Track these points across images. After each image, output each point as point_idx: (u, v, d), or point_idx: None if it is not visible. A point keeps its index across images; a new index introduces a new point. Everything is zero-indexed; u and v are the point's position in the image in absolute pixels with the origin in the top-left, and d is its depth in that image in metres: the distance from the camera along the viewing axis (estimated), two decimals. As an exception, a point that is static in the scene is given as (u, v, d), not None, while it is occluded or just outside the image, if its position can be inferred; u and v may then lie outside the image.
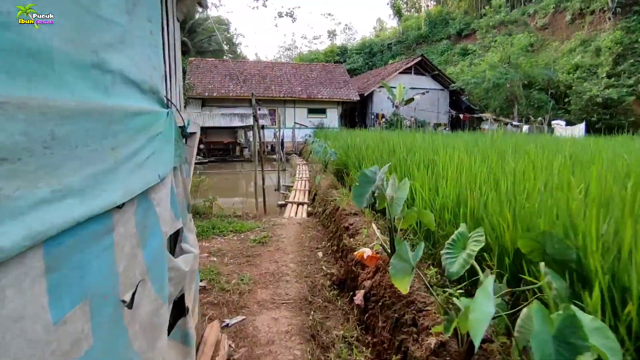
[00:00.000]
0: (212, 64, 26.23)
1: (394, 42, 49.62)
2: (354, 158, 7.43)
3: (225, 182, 16.02)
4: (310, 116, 25.84)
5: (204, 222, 5.96)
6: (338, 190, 6.80)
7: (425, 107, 27.97)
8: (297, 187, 10.47)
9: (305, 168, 15.36)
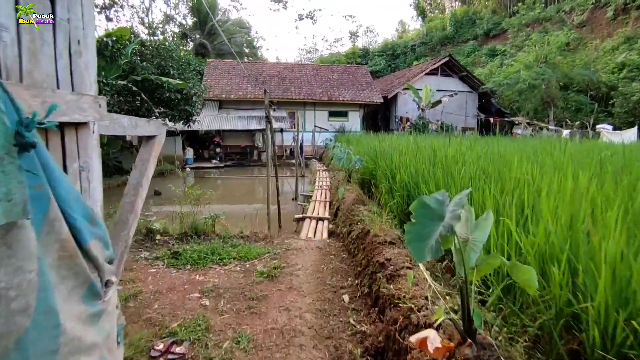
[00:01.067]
0: (230, 65, 25.55)
1: (417, 44, 48.12)
2: (384, 167, 6.25)
3: (241, 187, 15.10)
4: (331, 119, 24.74)
5: (202, 245, 4.90)
6: (366, 206, 5.63)
7: (452, 110, 26.43)
8: (317, 198, 9.34)
9: (326, 175, 14.24)
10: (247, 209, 11.22)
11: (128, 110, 15.71)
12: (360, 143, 12.51)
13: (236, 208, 11.70)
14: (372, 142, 10.79)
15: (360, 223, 4.86)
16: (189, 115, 17.53)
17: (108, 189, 13.04)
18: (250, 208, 11.27)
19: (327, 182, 12.30)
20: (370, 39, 60.54)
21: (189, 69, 17.56)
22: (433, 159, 5.36)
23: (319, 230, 6.36)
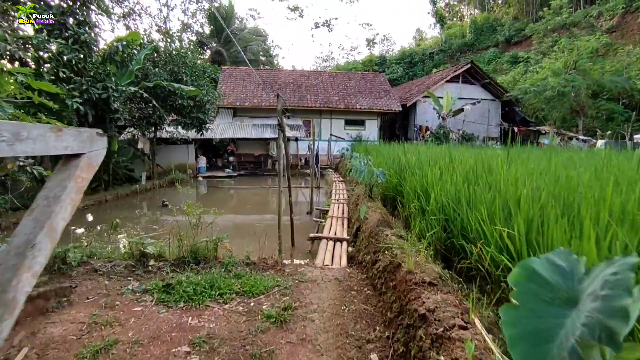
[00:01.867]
0: (245, 72, 25.19)
1: (436, 51, 47.25)
2: (413, 183, 5.43)
3: (254, 198, 14.45)
4: (348, 128, 24.01)
5: (201, 275, 4.17)
6: (393, 230, 4.82)
7: (474, 119, 25.39)
8: (334, 213, 8.55)
9: (343, 186, 13.44)
10: (258, 220, 10.52)
11: (139, 117, 15.34)
12: (380, 154, 11.70)
13: (248, 219, 11.01)
14: (395, 153, 9.98)
15: (388, 252, 4.04)
16: (202, 123, 17.05)
17: (116, 199, 12.55)
18: (262, 220, 10.57)
19: (344, 195, 11.51)
20: (387, 47, 59.87)
21: (203, 76, 17.16)
22: (474, 175, 4.52)
23: (337, 254, 5.56)
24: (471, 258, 3.48)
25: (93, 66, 11.27)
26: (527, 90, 21.79)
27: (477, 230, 3.34)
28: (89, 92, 10.67)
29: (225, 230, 8.23)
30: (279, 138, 5.34)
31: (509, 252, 2.85)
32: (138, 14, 33.67)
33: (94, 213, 10.67)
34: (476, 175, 4.48)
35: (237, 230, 9.18)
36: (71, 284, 3.90)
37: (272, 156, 22.21)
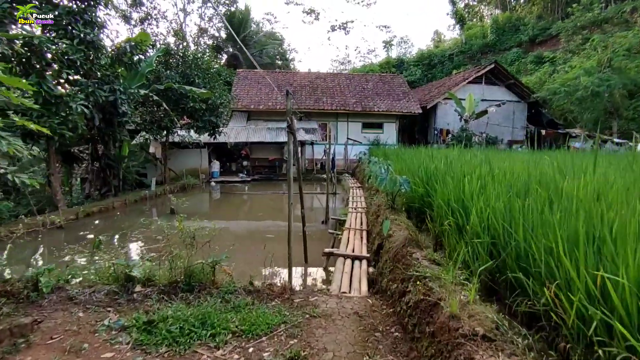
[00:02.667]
0: (260, 75, 24.70)
1: (455, 52, 45.91)
2: (445, 195, 4.61)
3: (268, 203, 13.77)
4: (365, 131, 23.18)
5: (193, 306, 3.46)
6: (423, 251, 4.01)
7: (498, 122, 24.18)
8: (351, 225, 7.77)
9: (360, 193, 12.64)
10: (270, 227, 9.81)
11: (150, 121, 14.93)
12: (401, 159, 10.86)
13: (259, 227, 10.32)
14: (419, 159, 9.15)
15: (420, 283, 3.25)
16: (215, 127, 16.55)
17: (123, 206, 12.07)
18: (275, 227, 9.86)
19: (362, 202, 10.71)
20: (405, 49, 58.75)
21: (216, 79, 16.69)
22: (525, 187, 3.68)
23: (356, 276, 4.77)
24: (535, 298, 2.65)
25: (101, 68, 10.86)
26: (557, 91, 20.50)
27: (546, 264, 2.52)
28: (95, 95, 10.24)
29: (232, 241, 7.59)
30: (289, 141, 4.61)
31: (608, 303, 2.02)
32: (155, 19, 33.91)
33: (96, 221, 10.20)
34: (527, 187, 3.64)
35: (246, 240, 8.50)
36: (36, 318, 3.25)
37: (287, 160, 21.56)
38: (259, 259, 6.75)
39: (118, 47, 11.30)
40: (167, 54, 15.48)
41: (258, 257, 6.92)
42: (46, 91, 8.82)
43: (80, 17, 9.95)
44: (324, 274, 6.26)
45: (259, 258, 6.85)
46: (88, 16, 10.12)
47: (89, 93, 10.21)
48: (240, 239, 8.63)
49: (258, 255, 6.99)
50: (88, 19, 10.12)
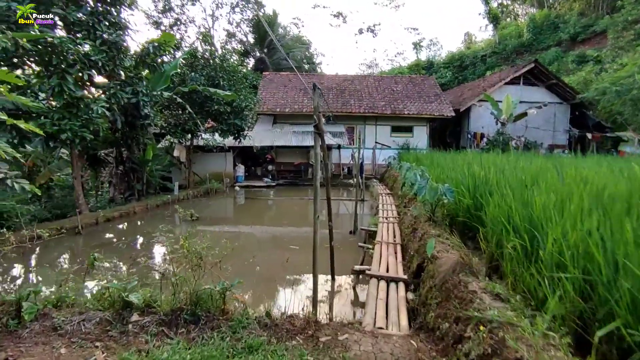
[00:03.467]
0: (286, 78, 24.30)
1: (488, 54, 44.09)
2: (504, 209, 3.77)
3: (292, 210, 13.15)
4: (394, 135, 22.25)
5: (194, 347, 2.81)
6: (481, 282, 3.20)
7: (537, 125, 22.63)
8: (383, 238, 6.98)
9: (390, 201, 11.79)
10: (295, 235, 9.14)
11: (175, 124, 14.70)
12: (436, 164, 9.97)
13: (283, 235, 9.67)
14: (459, 164, 8.26)
15: (485, 329, 2.45)
16: (240, 130, 16.16)
17: (145, 210, 11.76)
18: (298, 235, 9.19)
19: (393, 212, 9.88)
20: (434, 52, 57.15)
21: (242, 82, 16.33)
22: (625, 204, 2.82)
23: (393, 305, 3.99)
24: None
25: (124, 70, 10.62)
26: (606, 91, 18.84)
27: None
28: (117, 97, 9.97)
29: (252, 252, 6.97)
30: (316, 143, 3.93)
31: None
32: (184, 24, 34.38)
33: (114, 227, 9.88)
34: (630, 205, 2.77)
35: (267, 251, 7.87)
36: (10, 354, 2.69)
37: (313, 165, 20.93)
38: (280, 275, 6.10)
39: (142, 48, 11.04)
40: (193, 57, 15.25)
41: (279, 272, 6.28)
42: (67, 93, 8.58)
43: (104, 17, 9.73)
44: (353, 294, 5.53)
45: (280, 274, 6.21)
46: (112, 17, 9.90)
47: (111, 95, 9.97)
48: (261, 249, 8.02)
49: (280, 267, 6.36)
50: (111, 19, 9.90)
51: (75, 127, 8.88)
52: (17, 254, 6.95)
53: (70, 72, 8.64)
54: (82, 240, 8.41)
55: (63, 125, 8.73)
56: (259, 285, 5.60)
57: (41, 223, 9.35)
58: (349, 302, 5.13)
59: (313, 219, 3.85)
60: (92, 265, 3.52)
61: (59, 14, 8.95)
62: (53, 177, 13.33)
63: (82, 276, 3.71)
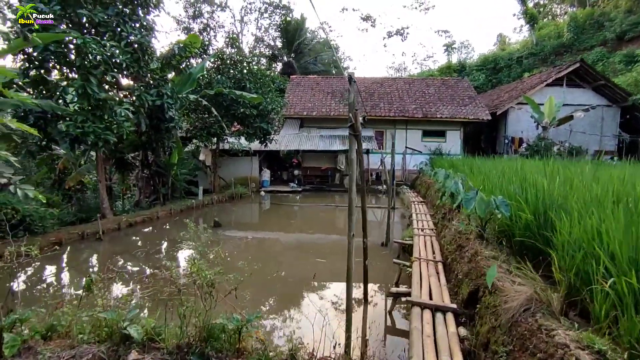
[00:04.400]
0: (313, 81, 23.84)
1: (525, 55, 42.08)
2: (589, 231, 2.99)
3: (319, 218, 12.52)
4: (426, 139, 21.26)
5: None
6: (568, 332, 2.44)
7: (583, 129, 21.01)
8: (421, 254, 6.23)
9: (424, 210, 10.97)
10: (321, 245, 8.49)
11: (200, 127, 14.47)
12: (477, 171, 9.09)
13: (310, 244, 9.06)
14: (501, 171, 7.39)
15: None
16: (266, 134, 15.77)
17: (168, 216, 11.47)
18: (326, 245, 8.53)
19: (428, 222, 9.06)
20: (465, 55, 55.31)
21: (269, 85, 15.97)
22: None
23: (444, 347, 3.25)
24: None
25: (150, 72, 10.41)
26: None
27: None
28: (141, 99, 9.74)
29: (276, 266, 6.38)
30: (351, 145, 3.29)
31: None
32: (212, 29, 34.73)
33: (137, 232, 9.58)
34: None
35: (293, 264, 7.26)
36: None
37: (341, 170, 20.29)
38: (305, 296, 5.48)
39: (168, 50, 10.82)
40: (219, 59, 15.01)
41: (305, 291, 5.65)
42: (90, 94, 8.37)
43: (130, 18, 9.54)
44: (389, 321, 4.83)
45: (306, 293, 5.58)
46: (137, 18, 9.70)
47: (136, 97, 9.75)
48: (285, 262, 7.42)
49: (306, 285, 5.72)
50: (137, 20, 9.71)
51: (99, 130, 8.66)
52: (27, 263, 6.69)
53: (94, 73, 8.44)
54: (102, 247, 8.12)
55: (87, 127, 8.52)
56: (281, 310, 5.00)
57: (64, 227, 9.20)
58: (386, 332, 4.43)
59: (347, 238, 3.21)
60: (89, 288, 3.02)
61: (84, 15, 8.79)
62: (83, 179, 13.33)
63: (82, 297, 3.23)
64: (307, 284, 6.02)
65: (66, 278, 6.44)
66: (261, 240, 9.26)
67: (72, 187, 12.77)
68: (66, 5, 8.70)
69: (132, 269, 6.55)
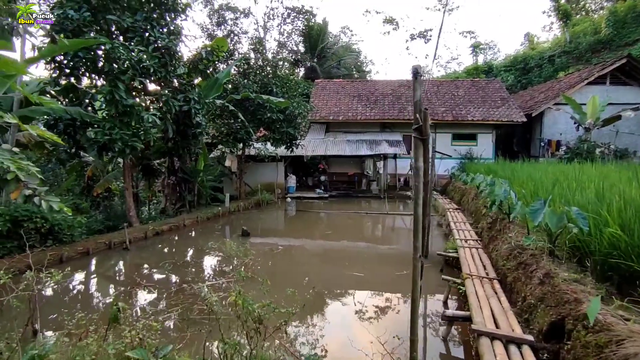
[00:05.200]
0: (339, 85, 23.40)
1: (557, 53, 40.29)
2: None
3: (351, 226, 11.94)
4: (456, 143, 20.38)
5: None
6: None
7: (630, 130, 19.65)
8: (471, 269, 5.61)
9: (461, 218, 10.26)
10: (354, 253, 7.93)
11: (226, 133, 14.25)
12: (526, 177, 8.35)
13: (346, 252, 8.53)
14: (557, 178, 6.69)
15: None
16: (292, 139, 15.40)
17: (195, 224, 11.19)
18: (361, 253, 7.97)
19: (470, 232, 8.38)
20: (491, 55, 53.60)
21: (294, 88, 15.63)
22: None
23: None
24: None
25: (177, 77, 10.23)
26: None
27: None
28: (168, 104, 9.53)
29: (312, 285, 5.87)
30: (417, 152, 2.77)
31: None
32: (236, 35, 34.94)
33: (164, 241, 9.31)
34: None
35: (331, 280, 6.75)
36: None
37: (368, 175, 19.69)
38: (351, 324, 4.94)
39: (195, 54, 10.63)
40: (245, 63, 14.79)
41: (348, 318, 5.11)
42: (118, 100, 8.20)
43: (157, 23, 9.37)
44: (443, 347, 4.25)
45: (350, 320, 5.03)
46: (165, 22, 9.53)
47: (163, 103, 9.56)
48: (322, 277, 6.90)
49: (348, 308, 5.17)
50: (165, 25, 9.54)
51: (126, 137, 8.48)
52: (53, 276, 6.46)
53: (121, 79, 8.27)
54: (129, 257, 7.88)
55: (114, 134, 8.35)
56: (332, 338, 4.49)
57: (91, 236, 9.05)
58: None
59: (412, 261, 2.68)
60: (116, 319, 2.62)
61: (113, 21, 8.66)
62: (111, 186, 13.32)
63: (108, 327, 2.83)
64: (351, 305, 5.50)
65: (93, 293, 6.18)
66: (295, 250, 8.77)
67: (100, 194, 12.77)
68: (96, 12, 8.61)
69: (159, 282, 6.22)
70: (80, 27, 8.32)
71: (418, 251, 2.78)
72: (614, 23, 35.66)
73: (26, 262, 6.57)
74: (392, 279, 6.54)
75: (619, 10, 36.32)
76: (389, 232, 11.42)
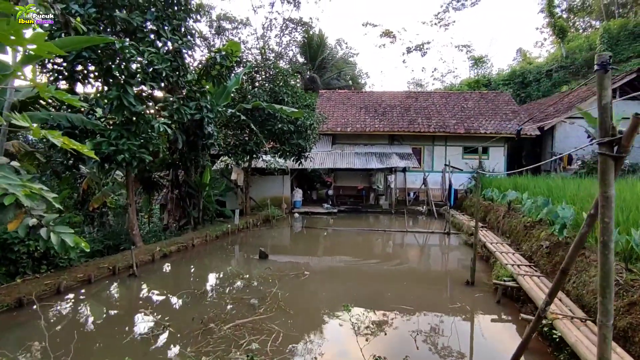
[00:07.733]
0: (344, 96, 22.76)
1: (554, 68, 40.64)
2: None
3: (370, 244, 11.01)
4: (467, 157, 19.76)
5: None
6: None
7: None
8: (555, 307, 4.77)
9: (495, 238, 9.45)
10: (384, 282, 7.01)
11: (234, 144, 13.32)
12: (568, 196, 7.62)
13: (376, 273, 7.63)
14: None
15: None
16: (302, 151, 14.55)
17: (204, 243, 10.18)
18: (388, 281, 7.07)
19: (514, 255, 7.57)
20: (483, 70, 53.94)
21: (304, 98, 14.86)
22: None
23: None
24: None
25: (187, 83, 9.35)
26: None
27: None
28: (179, 112, 8.62)
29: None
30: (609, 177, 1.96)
31: None
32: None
33: (174, 265, 8.25)
34: None
35: (370, 309, 5.82)
36: None
37: (377, 189, 18.89)
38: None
39: (207, 58, 9.78)
40: (255, 71, 13.99)
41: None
42: (127, 107, 7.27)
43: (169, 23, 8.53)
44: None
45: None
46: (177, 23, 8.69)
47: (174, 110, 8.64)
48: (366, 311, 5.98)
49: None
50: (177, 26, 8.69)
51: (134, 148, 7.52)
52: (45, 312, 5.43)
53: (131, 83, 7.36)
54: (137, 286, 6.83)
55: (121, 145, 7.39)
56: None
57: (91, 259, 7.98)
58: None
59: (599, 330, 1.83)
60: None
61: (121, 18, 7.78)
62: (107, 200, 12.22)
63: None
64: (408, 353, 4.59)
65: (102, 340, 5.15)
66: (323, 276, 7.79)
67: (95, 209, 11.68)
68: (103, 8, 7.73)
69: (178, 318, 5.22)
70: (84, 25, 7.42)
71: (610, 317, 1.93)
72: (608, 40, 36.13)
73: (16, 296, 5.59)
74: (449, 312, 5.65)
75: (612, 27, 36.86)
76: (417, 251, 10.53)
